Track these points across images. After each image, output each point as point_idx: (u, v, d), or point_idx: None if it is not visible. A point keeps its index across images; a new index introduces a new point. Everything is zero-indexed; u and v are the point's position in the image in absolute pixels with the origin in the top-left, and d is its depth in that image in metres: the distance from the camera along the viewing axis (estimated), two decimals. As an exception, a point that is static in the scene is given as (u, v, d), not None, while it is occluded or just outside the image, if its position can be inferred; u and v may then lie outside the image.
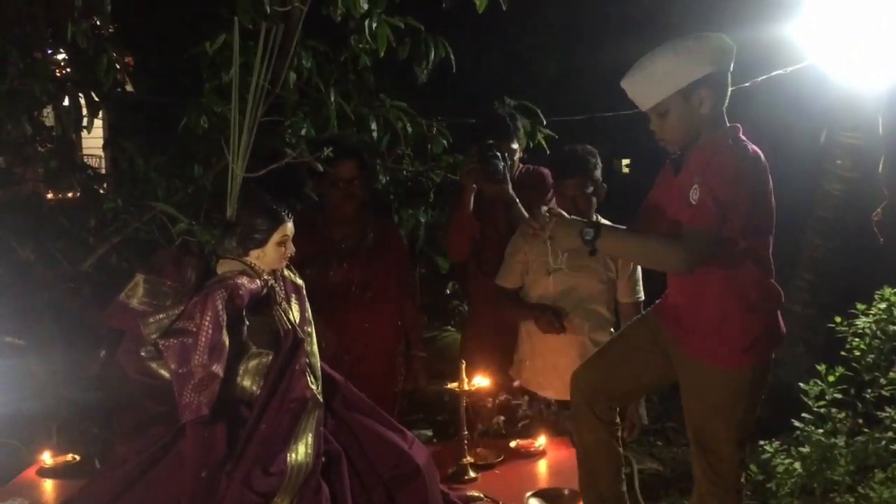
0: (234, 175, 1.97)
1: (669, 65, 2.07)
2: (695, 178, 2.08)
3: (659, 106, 2.11)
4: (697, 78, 2.08)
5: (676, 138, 2.15)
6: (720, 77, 2.13)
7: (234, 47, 2.03)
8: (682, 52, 2.07)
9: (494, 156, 2.82)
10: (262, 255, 1.95)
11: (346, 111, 3.48)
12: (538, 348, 2.80)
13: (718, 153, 2.07)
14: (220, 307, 1.78)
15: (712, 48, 2.11)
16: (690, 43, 2.09)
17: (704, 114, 2.11)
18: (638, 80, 2.12)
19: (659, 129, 2.16)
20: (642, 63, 2.10)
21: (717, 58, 2.11)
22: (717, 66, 2.11)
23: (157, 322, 1.80)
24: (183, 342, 1.78)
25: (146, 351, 1.82)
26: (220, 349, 1.77)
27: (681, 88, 2.08)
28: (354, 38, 3.38)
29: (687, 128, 2.13)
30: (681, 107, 2.10)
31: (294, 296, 2.02)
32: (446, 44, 3.35)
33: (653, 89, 2.10)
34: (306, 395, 1.88)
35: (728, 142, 2.10)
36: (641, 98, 2.15)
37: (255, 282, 1.92)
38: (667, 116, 2.12)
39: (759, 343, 2.18)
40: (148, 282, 1.86)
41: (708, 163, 2.07)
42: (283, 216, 1.97)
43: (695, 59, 2.07)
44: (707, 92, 2.10)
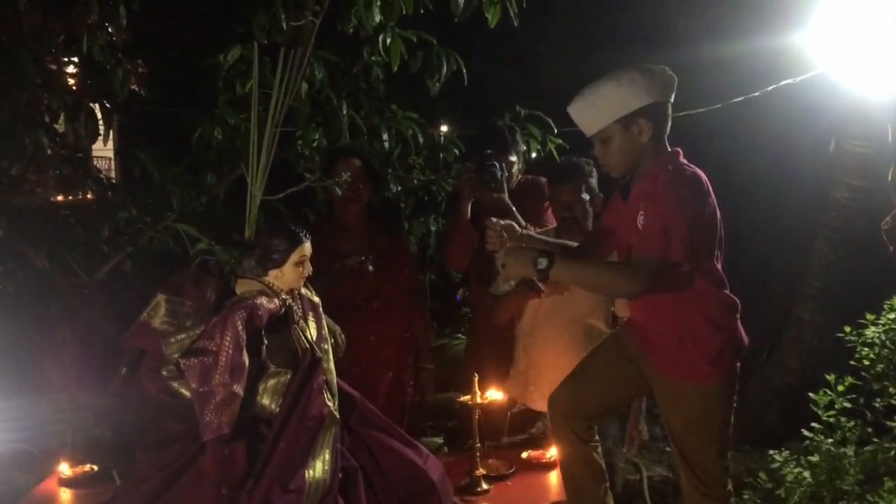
0: (252, 196, 1.99)
1: (610, 94, 2.13)
2: (640, 203, 2.16)
3: (601, 133, 2.18)
4: (636, 108, 2.13)
5: (617, 165, 2.22)
6: (660, 108, 2.19)
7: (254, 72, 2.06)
8: (624, 83, 2.13)
9: (492, 164, 2.86)
10: (280, 275, 1.98)
11: (358, 122, 3.50)
12: (534, 361, 2.83)
13: (659, 180, 2.14)
14: (240, 327, 1.81)
15: (653, 80, 2.16)
16: (633, 74, 2.14)
17: (644, 143, 2.17)
18: (581, 108, 2.19)
19: (602, 156, 2.23)
20: (586, 91, 2.18)
21: (658, 90, 2.17)
22: (658, 98, 2.17)
23: (178, 342, 1.83)
24: (203, 362, 1.81)
25: (168, 370, 1.85)
26: (240, 369, 1.80)
27: (620, 117, 2.14)
28: (367, 50, 3.40)
29: (627, 155, 2.19)
30: (621, 135, 2.16)
31: (311, 313, 2.05)
32: (458, 57, 3.37)
33: (594, 117, 2.17)
34: (324, 412, 1.91)
35: (668, 168, 2.16)
36: (585, 125, 2.22)
37: (274, 301, 1.95)
38: (609, 144, 2.19)
39: (724, 355, 2.24)
40: (169, 302, 1.89)
41: (651, 190, 2.14)
42: (301, 237, 2.00)
43: (635, 91, 2.13)
44: (646, 122, 2.16)
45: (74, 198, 3.83)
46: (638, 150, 2.18)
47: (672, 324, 2.22)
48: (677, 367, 2.23)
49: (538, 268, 2.10)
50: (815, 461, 3.19)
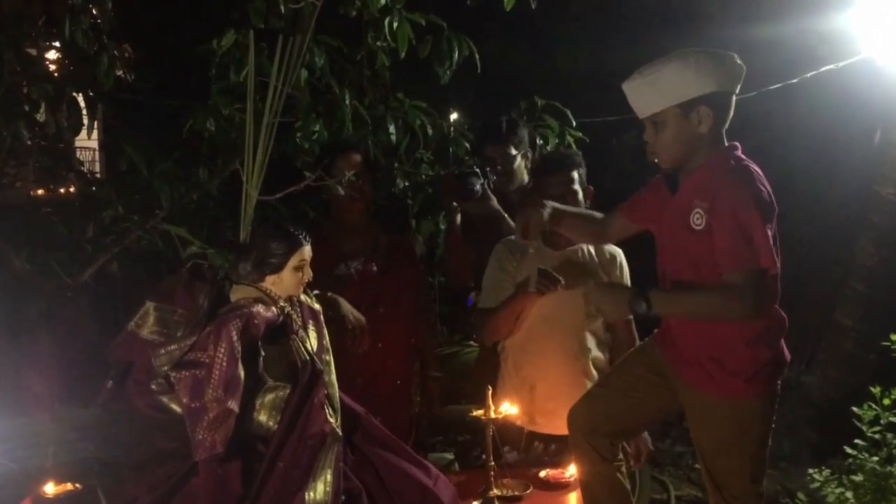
0: (248, 196, 1.99)
1: (673, 76, 2.10)
2: (695, 201, 2.13)
3: (656, 116, 2.15)
4: (700, 94, 2.11)
5: (668, 154, 2.19)
6: (724, 98, 2.16)
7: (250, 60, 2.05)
8: (690, 65, 2.10)
9: (472, 173, 2.85)
10: (278, 280, 1.98)
11: (362, 113, 3.49)
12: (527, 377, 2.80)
13: (721, 178, 2.10)
14: (235, 338, 1.81)
15: (720, 66, 2.13)
16: (700, 57, 2.12)
17: (702, 133, 2.14)
18: (639, 86, 2.15)
19: (652, 141, 2.20)
20: (646, 69, 2.14)
21: (724, 78, 2.14)
22: (723, 87, 2.14)
23: (168, 353, 1.83)
24: (195, 375, 1.81)
25: (157, 384, 1.85)
26: (235, 383, 1.80)
27: (681, 102, 2.11)
28: (372, 34, 3.39)
29: (681, 145, 2.16)
30: (678, 121, 2.13)
31: (311, 322, 2.05)
32: (470, 43, 3.35)
33: (652, 98, 2.13)
34: (325, 429, 1.91)
35: (729, 163, 2.13)
36: (640, 105, 2.18)
37: (271, 309, 1.95)
38: (662, 129, 2.15)
39: (765, 372, 2.21)
40: (158, 310, 1.89)
41: (710, 187, 2.10)
42: (301, 239, 1.99)
43: (700, 75, 2.10)
44: (707, 111, 2.13)
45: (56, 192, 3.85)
46: (693, 141, 2.14)
47: (713, 338, 2.19)
48: (709, 379, 2.21)
49: (637, 311, 2.09)
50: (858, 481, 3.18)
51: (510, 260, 2.78)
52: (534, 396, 2.80)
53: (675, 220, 2.19)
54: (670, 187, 2.26)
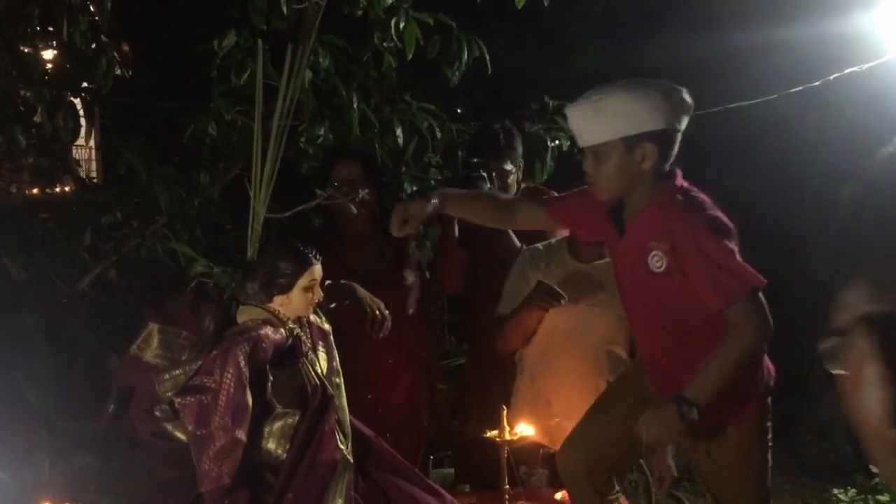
0: (255, 212, 1.94)
1: (622, 107, 2.04)
2: (650, 243, 2.08)
3: (599, 147, 2.09)
4: (647, 130, 2.05)
5: (607, 188, 2.13)
6: (671, 136, 2.11)
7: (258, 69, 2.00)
8: (639, 98, 2.04)
9: (479, 177, 2.79)
10: (286, 301, 1.93)
11: (370, 116, 3.44)
12: (542, 391, 2.76)
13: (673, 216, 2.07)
14: (243, 363, 1.76)
15: (670, 102, 2.08)
16: (650, 91, 2.06)
17: (644, 170, 2.09)
18: (584, 112, 2.09)
19: (592, 172, 2.13)
20: (593, 96, 2.08)
21: (673, 115, 2.09)
22: (671, 124, 2.09)
23: (172, 378, 1.78)
24: (201, 401, 1.76)
25: (160, 410, 1.81)
26: (242, 411, 1.75)
27: (626, 136, 2.06)
28: (378, 35, 3.33)
29: (621, 180, 2.11)
30: (621, 155, 2.07)
31: (321, 343, 2.00)
32: (480, 43, 3.29)
33: (597, 127, 2.08)
34: (336, 457, 1.87)
35: (678, 199, 2.09)
36: (583, 132, 2.13)
37: (280, 331, 1.90)
38: (604, 161, 2.09)
39: (756, 393, 2.19)
40: (162, 332, 1.85)
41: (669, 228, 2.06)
42: (311, 258, 1.94)
43: (649, 110, 2.05)
44: (652, 148, 2.07)
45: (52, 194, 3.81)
46: (634, 177, 2.09)
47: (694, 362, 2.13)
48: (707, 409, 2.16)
49: (689, 418, 2.02)
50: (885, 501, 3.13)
51: (533, 269, 2.73)
52: (550, 412, 2.75)
53: (632, 264, 2.15)
54: (616, 225, 2.21)
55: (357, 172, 2.86)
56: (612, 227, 2.21)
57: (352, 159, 2.90)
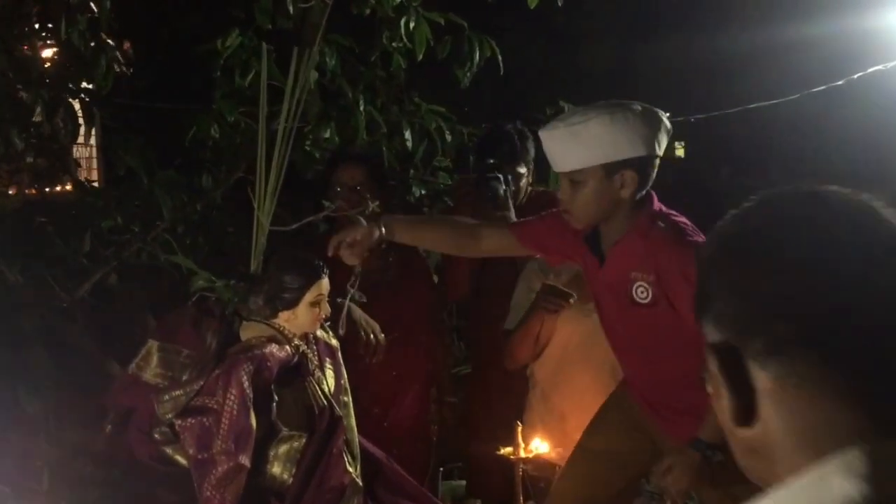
0: (259, 224, 1.86)
1: (601, 132, 1.94)
2: (633, 273, 2.02)
3: (575, 174, 2.00)
4: (627, 157, 1.96)
5: (583, 215, 2.05)
6: (651, 162, 2.02)
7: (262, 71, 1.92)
8: (619, 122, 1.94)
9: (494, 178, 2.71)
10: (292, 317, 1.85)
11: (377, 118, 3.36)
12: (556, 406, 2.69)
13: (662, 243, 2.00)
14: (246, 383, 1.68)
15: (652, 128, 1.98)
16: (631, 115, 1.95)
17: (622, 198, 2.01)
18: (561, 136, 1.99)
19: (567, 199, 2.04)
20: (571, 119, 1.97)
21: (654, 141, 2.00)
22: (651, 150, 2.00)
23: (172, 399, 1.70)
24: (202, 422, 1.68)
25: (160, 433, 1.73)
26: (246, 435, 1.67)
27: (606, 163, 1.96)
28: (387, 35, 3.25)
29: (598, 207, 2.03)
30: (599, 183, 1.98)
31: (329, 360, 1.93)
32: (493, 43, 3.21)
33: (574, 152, 1.98)
34: (344, 481, 1.79)
35: (659, 226, 2.02)
36: (558, 157, 2.03)
37: (285, 349, 1.82)
38: (581, 188, 2.00)
39: None
40: (162, 349, 1.77)
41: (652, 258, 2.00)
42: (319, 271, 1.86)
43: (630, 136, 1.95)
44: (632, 175, 1.98)
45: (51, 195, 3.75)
46: (612, 204, 2.01)
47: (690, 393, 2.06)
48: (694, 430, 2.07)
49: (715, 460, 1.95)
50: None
51: (541, 279, 2.65)
52: (565, 428, 2.67)
53: (615, 293, 2.08)
54: (594, 252, 2.13)
55: (361, 177, 2.77)
56: (590, 255, 2.14)
57: (356, 164, 2.81)
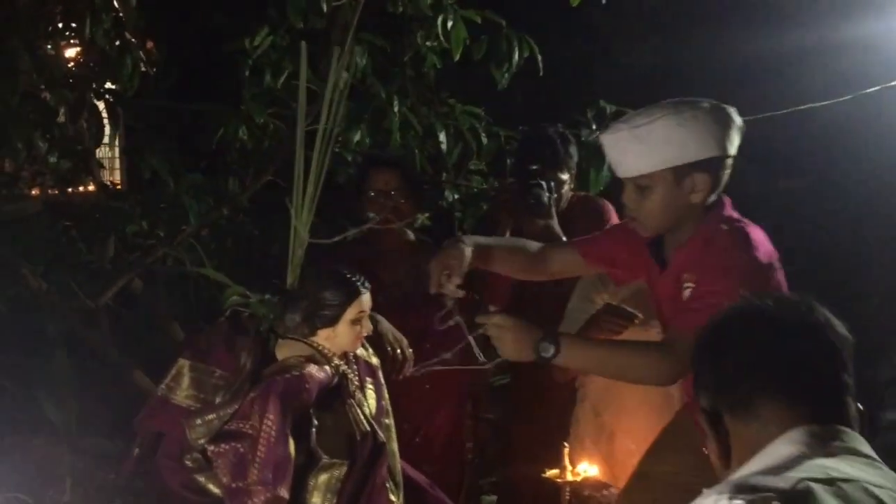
0: (297, 234, 1.76)
1: (669, 134, 1.82)
2: (684, 275, 1.90)
3: (642, 179, 1.88)
4: (698, 159, 1.84)
5: (652, 223, 1.94)
6: (724, 164, 1.90)
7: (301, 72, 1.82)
8: (687, 122, 1.83)
9: (537, 184, 2.62)
10: (332, 335, 1.75)
11: (411, 120, 3.26)
12: (606, 424, 2.61)
13: (714, 247, 1.89)
14: (285, 409, 1.58)
15: (723, 126, 1.87)
16: (701, 114, 1.84)
17: (694, 203, 1.89)
18: (624, 139, 1.86)
19: (634, 206, 1.93)
20: (634, 121, 1.86)
21: (727, 140, 1.88)
22: (724, 150, 1.88)
23: (205, 424, 1.61)
24: (237, 449, 1.59)
25: (192, 460, 1.63)
26: (284, 464, 1.57)
27: (675, 166, 1.84)
28: (421, 34, 3.16)
29: (668, 213, 1.91)
30: (668, 188, 1.86)
31: (369, 380, 1.83)
32: (531, 42, 3.10)
33: (639, 156, 1.86)
34: (387, 512, 1.68)
35: (722, 229, 1.91)
36: (623, 162, 1.90)
37: (324, 369, 1.72)
38: (648, 194, 1.88)
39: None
40: (194, 369, 1.67)
41: (702, 259, 1.89)
42: (360, 287, 1.76)
43: (701, 135, 1.84)
44: (704, 178, 1.86)
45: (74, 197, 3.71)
46: (683, 210, 1.90)
47: None
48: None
49: (542, 354, 1.82)
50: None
51: (599, 290, 2.55)
52: (613, 448, 2.57)
53: (671, 298, 1.96)
54: (656, 258, 2.02)
55: (396, 182, 2.69)
56: (653, 261, 2.03)
57: (390, 168, 2.74)
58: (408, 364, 2.40)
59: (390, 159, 2.83)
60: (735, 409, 1.15)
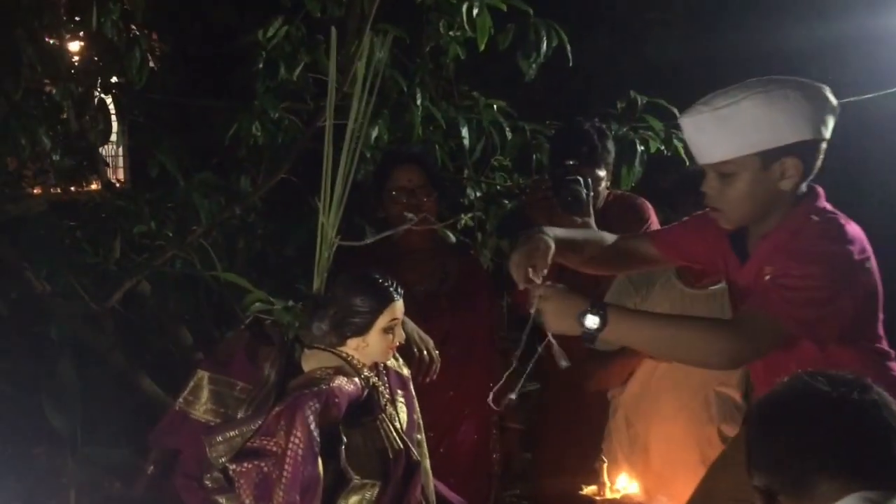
0: (324, 234, 1.66)
1: (756, 115, 1.71)
2: (766, 267, 1.77)
3: (725, 165, 1.76)
4: (788, 143, 1.72)
5: (736, 213, 1.81)
6: (817, 148, 1.77)
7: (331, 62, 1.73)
8: (777, 102, 1.71)
9: (575, 181, 2.54)
10: (363, 344, 1.66)
11: (434, 114, 3.17)
12: (639, 436, 2.54)
13: (800, 234, 1.77)
14: (313, 424, 1.49)
15: (816, 106, 1.74)
16: (790, 92, 1.72)
17: (783, 190, 1.77)
18: (706, 121, 1.75)
19: (716, 195, 1.80)
20: (717, 101, 1.74)
21: (821, 121, 1.75)
22: (817, 133, 1.75)
23: (226, 441, 1.52)
24: (260, 468, 1.50)
25: (212, 479, 1.54)
26: (313, 486, 1.48)
27: (762, 151, 1.73)
28: (443, 23, 3.07)
29: (754, 203, 1.79)
30: (755, 174, 1.75)
31: (400, 392, 1.74)
32: (561, 31, 3.01)
33: (722, 140, 1.74)
34: (422, 535, 1.59)
35: (812, 218, 1.78)
36: (703, 147, 1.79)
37: (354, 381, 1.63)
38: (732, 181, 1.77)
39: None
40: (213, 382, 1.58)
41: (786, 247, 1.76)
42: (392, 293, 1.67)
43: (792, 116, 1.72)
44: (795, 163, 1.74)
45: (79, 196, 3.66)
46: (770, 199, 1.78)
47: None
48: None
49: (586, 327, 1.68)
50: None
51: (632, 296, 2.47)
52: (648, 460, 2.50)
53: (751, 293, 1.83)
54: (736, 251, 1.90)
55: (419, 180, 2.64)
56: (732, 253, 1.91)
57: (413, 164, 2.67)
58: (435, 366, 2.32)
59: (413, 155, 2.76)
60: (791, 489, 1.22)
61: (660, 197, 2.93)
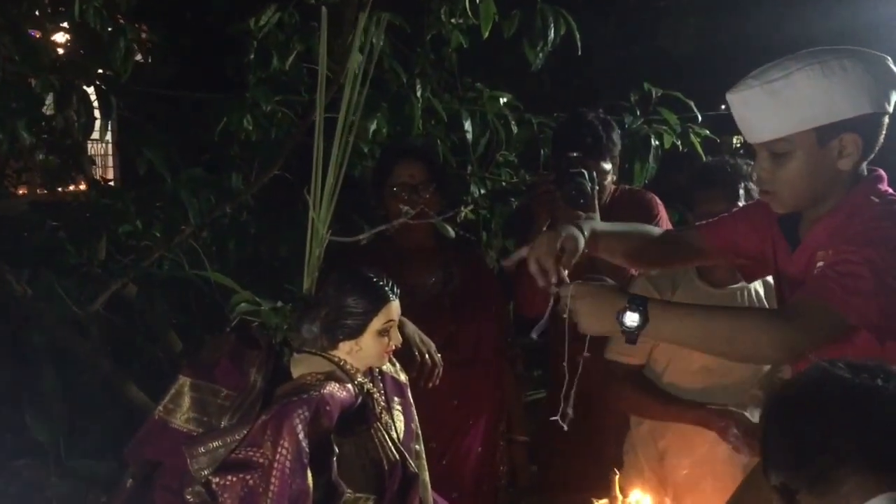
0: (315, 231, 1.63)
1: (811, 88, 1.63)
2: (819, 252, 1.71)
3: (778, 143, 1.69)
4: (848, 117, 1.65)
5: (791, 195, 1.74)
6: (878, 122, 1.70)
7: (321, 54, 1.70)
8: (834, 75, 1.63)
9: (579, 173, 2.50)
10: (356, 348, 1.62)
11: (436, 107, 3.15)
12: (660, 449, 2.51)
13: (855, 216, 1.69)
14: (302, 435, 1.45)
15: (876, 78, 1.66)
16: (848, 62, 1.64)
17: (842, 169, 1.70)
18: (755, 96, 1.68)
19: (768, 176, 1.73)
20: (768, 75, 1.67)
21: (881, 93, 1.67)
22: (878, 106, 1.67)
23: (209, 452, 1.48)
24: (245, 481, 1.47)
25: (193, 494, 1.50)
26: (302, 499, 1.44)
27: (820, 126, 1.66)
28: (445, 10, 3.05)
29: (811, 183, 1.71)
30: (811, 152, 1.68)
31: (397, 399, 1.70)
32: (569, 18, 2.98)
33: (776, 117, 1.67)
34: (420, 553, 1.55)
35: (870, 199, 1.71)
36: (754, 125, 1.71)
37: (347, 388, 1.59)
38: (786, 161, 1.70)
39: None
40: (196, 388, 1.55)
41: (842, 229, 1.69)
42: (387, 293, 1.63)
43: (850, 88, 1.64)
44: (855, 140, 1.67)
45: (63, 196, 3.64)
46: (828, 179, 1.71)
47: None
48: None
49: (626, 325, 1.62)
50: None
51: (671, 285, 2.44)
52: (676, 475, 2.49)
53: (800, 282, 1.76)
54: (787, 237, 1.84)
55: (421, 175, 2.60)
56: (782, 239, 1.85)
57: (415, 159, 2.65)
58: (436, 371, 2.28)
59: (416, 149, 2.73)
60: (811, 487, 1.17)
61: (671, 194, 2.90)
